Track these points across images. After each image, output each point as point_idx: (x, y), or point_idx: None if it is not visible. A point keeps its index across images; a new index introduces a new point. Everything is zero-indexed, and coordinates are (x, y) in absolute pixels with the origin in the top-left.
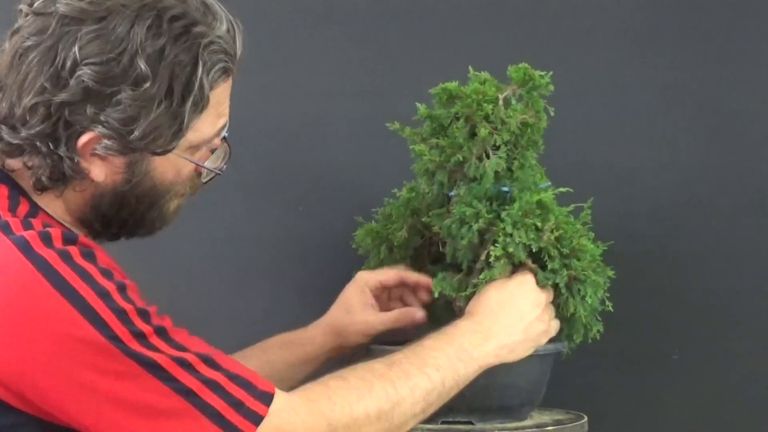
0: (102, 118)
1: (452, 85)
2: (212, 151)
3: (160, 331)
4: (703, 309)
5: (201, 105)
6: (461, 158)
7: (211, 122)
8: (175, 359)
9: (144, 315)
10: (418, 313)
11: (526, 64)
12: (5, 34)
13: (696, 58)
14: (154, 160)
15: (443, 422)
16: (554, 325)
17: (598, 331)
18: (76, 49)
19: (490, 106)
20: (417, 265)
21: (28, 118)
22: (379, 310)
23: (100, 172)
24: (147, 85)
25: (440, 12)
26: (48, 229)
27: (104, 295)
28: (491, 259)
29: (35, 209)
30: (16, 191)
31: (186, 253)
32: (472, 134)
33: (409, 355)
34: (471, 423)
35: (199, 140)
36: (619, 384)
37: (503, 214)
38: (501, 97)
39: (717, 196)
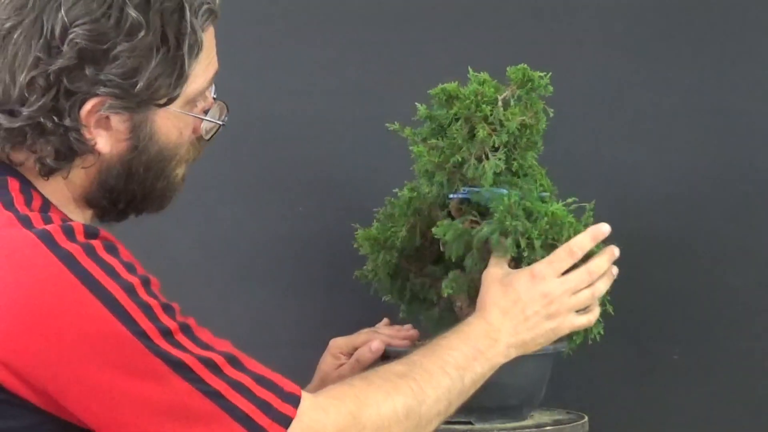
0: (102, 77)
1: (451, 85)
2: (205, 112)
3: (186, 329)
4: (703, 309)
5: (196, 48)
6: (460, 159)
7: (203, 70)
8: (202, 359)
9: (169, 311)
10: (374, 344)
11: (526, 65)
12: None
13: (696, 58)
14: (157, 120)
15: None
16: (568, 321)
17: (599, 332)
18: (62, 13)
19: (489, 108)
20: (418, 266)
21: (26, 94)
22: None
23: (105, 143)
24: (141, 34)
25: (440, 12)
26: (70, 222)
27: (130, 289)
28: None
29: (47, 203)
30: (27, 185)
31: (186, 253)
32: (471, 135)
33: (428, 354)
34: (470, 423)
35: (195, 92)
36: (619, 384)
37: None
38: (500, 98)
39: (717, 195)
